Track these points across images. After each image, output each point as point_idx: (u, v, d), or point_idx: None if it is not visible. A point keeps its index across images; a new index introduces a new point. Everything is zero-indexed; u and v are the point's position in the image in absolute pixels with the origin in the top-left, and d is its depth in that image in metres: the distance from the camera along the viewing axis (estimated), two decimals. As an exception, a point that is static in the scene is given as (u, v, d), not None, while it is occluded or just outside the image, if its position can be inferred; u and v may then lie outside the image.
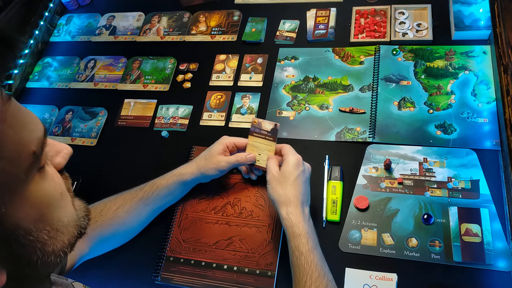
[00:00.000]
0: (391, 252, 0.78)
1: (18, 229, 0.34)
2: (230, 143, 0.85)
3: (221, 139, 0.86)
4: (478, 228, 0.76)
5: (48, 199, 0.38)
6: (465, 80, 0.94)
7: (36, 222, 0.36)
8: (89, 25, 1.34)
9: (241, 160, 0.83)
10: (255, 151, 0.85)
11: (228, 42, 1.17)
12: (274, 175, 0.78)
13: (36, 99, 1.22)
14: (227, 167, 0.84)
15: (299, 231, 0.71)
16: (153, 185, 0.85)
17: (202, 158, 0.85)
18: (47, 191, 0.38)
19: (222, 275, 0.82)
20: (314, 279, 0.67)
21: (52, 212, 0.38)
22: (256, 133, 0.85)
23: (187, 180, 0.85)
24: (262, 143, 0.84)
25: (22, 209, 0.34)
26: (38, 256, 0.37)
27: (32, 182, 0.35)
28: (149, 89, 1.14)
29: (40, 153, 0.36)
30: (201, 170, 0.84)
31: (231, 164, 0.83)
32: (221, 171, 0.84)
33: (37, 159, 0.36)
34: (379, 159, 0.89)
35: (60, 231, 0.39)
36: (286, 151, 0.80)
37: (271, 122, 0.84)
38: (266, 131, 0.84)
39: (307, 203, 0.77)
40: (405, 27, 1.04)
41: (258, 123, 0.85)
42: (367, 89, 0.98)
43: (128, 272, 0.87)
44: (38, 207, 0.36)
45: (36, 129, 0.36)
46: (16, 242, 0.35)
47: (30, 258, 0.37)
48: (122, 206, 0.83)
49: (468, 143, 0.86)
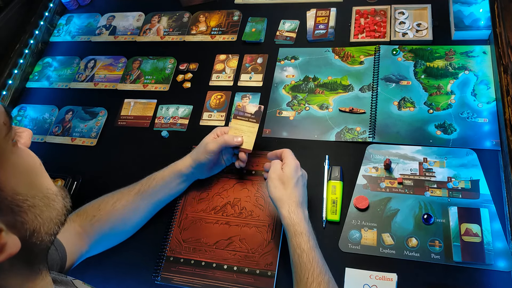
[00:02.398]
0: (391, 252, 0.78)
1: (16, 194, 0.39)
2: (221, 131, 0.89)
3: (214, 129, 0.90)
4: (478, 228, 0.76)
5: (31, 167, 0.43)
6: (465, 80, 0.94)
7: (29, 188, 0.41)
8: (89, 25, 1.34)
9: (227, 140, 0.85)
10: (238, 134, 0.87)
11: (228, 42, 1.17)
12: (278, 174, 0.79)
13: (36, 99, 1.22)
14: (215, 148, 0.85)
15: (301, 230, 0.72)
16: (149, 178, 0.87)
17: (195, 149, 0.89)
18: (28, 160, 0.43)
19: (222, 275, 0.82)
20: (316, 276, 0.68)
21: (39, 179, 0.44)
22: (240, 116, 0.88)
23: (182, 171, 0.87)
24: (245, 125, 0.87)
25: (13, 175, 0.39)
26: (39, 223, 0.42)
27: (13, 152, 0.41)
28: (149, 89, 1.15)
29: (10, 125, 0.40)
30: (193, 157, 0.87)
31: (218, 144, 0.85)
32: (211, 154, 0.85)
33: (10, 130, 0.40)
34: (379, 159, 0.89)
35: (51, 199, 0.44)
36: (286, 155, 0.82)
37: (255, 105, 0.88)
38: (250, 114, 0.86)
39: (306, 206, 0.79)
40: (405, 27, 1.04)
41: (242, 107, 0.87)
42: (367, 89, 0.99)
43: (128, 272, 0.87)
44: (26, 173, 0.42)
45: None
46: (18, 207, 0.39)
47: (34, 225, 0.41)
48: (119, 200, 0.84)
49: (468, 143, 0.86)
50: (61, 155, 1.08)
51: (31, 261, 0.45)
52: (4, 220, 0.38)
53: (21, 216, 0.40)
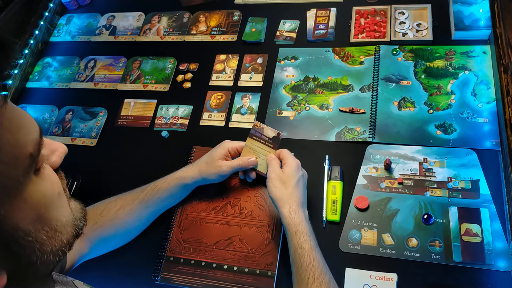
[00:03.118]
0: (391, 252, 0.78)
1: (17, 230, 0.35)
2: (232, 148, 0.85)
3: (223, 144, 0.86)
4: (478, 228, 0.76)
5: (46, 199, 0.38)
6: (465, 80, 0.94)
7: (35, 223, 0.36)
8: (89, 25, 1.34)
9: (243, 164, 0.84)
10: (252, 154, 0.85)
11: (228, 42, 1.17)
12: (278, 173, 0.79)
13: (36, 99, 1.22)
14: (228, 172, 0.84)
15: (302, 229, 0.72)
16: (154, 188, 0.85)
17: (204, 162, 0.85)
18: (44, 192, 0.38)
19: (222, 275, 0.82)
20: (317, 275, 0.68)
21: (50, 212, 0.39)
22: (256, 137, 0.85)
23: (188, 183, 0.86)
24: (261, 148, 0.85)
25: (20, 211, 0.35)
26: (37, 256, 0.37)
27: (30, 184, 0.35)
28: (149, 89, 1.14)
29: (37, 155, 0.36)
30: (203, 175, 0.84)
31: (233, 168, 0.84)
32: (222, 176, 0.84)
33: (34, 161, 0.36)
34: (379, 159, 0.89)
35: (58, 231, 0.40)
36: (285, 155, 0.82)
37: (274, 130, 0.84)
38: (267, 137, 0.84)
39: (306, 207, 0.78)
40: (405, 27, 1.04)
41: (259, 128, 0.85)
42: (367, 89, 0.98)
43: (128, 272, 0.87)
44: (36, 208, 0.36)
45: (32, 131, 0.36)
46: (15, 243, 0.35)
47: (30, 258, 0.37)
48: (122, 208, 0.83)
49: (468, 143, 0.86)
50: (61, 155, 1.08)
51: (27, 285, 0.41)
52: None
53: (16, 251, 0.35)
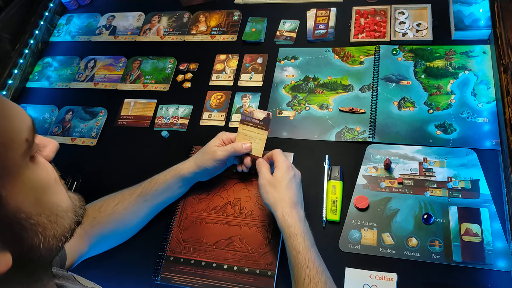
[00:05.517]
0: (391, 252, 0.78)
1: (19, 212, 0.37)
2: (226, 138, 0.87)
3: (218, 134, 0.88)
4: (478, 228, 0.76)
5: (43, 184, 0.41)
6: (465, 80, 0.94)
7: (35, 206, 0.39)
8: (89, 25, 1.34)
9: (237, 148, 0.84)
10: (246, 140, 0.86)
11: (228, 42, 1.17)
12: (268, 179, 0.79)
13: (36, 99, 1.22)
14: (223, 156, 0.84)
15: (295, 231, 0.72)
16: (151, 181, 0.86)
17: (199, 153, 0.87)
18: (41, 177, 0.41)
19: (222, 275, 0.82)
20: (313, 276, 0.68)
21: (49, 197, 0.41)
22: (248, 122, 0.86)
23: (185, 175, 0.86)
24: (253, 132, 0.85)
25: (21, 192, 0.37)
26: (40, 240, 0.40)
27: (27, 168, 0.38)
28: (149, 89, 1.15)
29: (32, 140, 0.39)
30: (198, 163, 0.85)
31: (227, 152, 0.84)
32: (218, 161, 0.84)
33: (30, 146, 0.39)
34: (379, 159, 0.89)
35: (60, 216, 0.42)
36: (276, 157, 0.81)
37: (263, 111, 0.85)
38: (258, 120, 0.85)
39: (302, 206, 0.78)
40: (405, 27, 1.04)
41: (249, 112, 0.85)
42: (367, 89, 0.99)
43: (128, 272, 0.87)
44: (35, 191, 0.39)
45: (25, 119, 0.39)
46: (18, 224, 0.37)
47: (33, 242, 0.39)
48: (121, 202, 0.84)
49: (468, 143, 0.86)
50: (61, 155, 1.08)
51: (28, 272, 0.43)
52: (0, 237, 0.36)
53: (20, 234, 0.38)
